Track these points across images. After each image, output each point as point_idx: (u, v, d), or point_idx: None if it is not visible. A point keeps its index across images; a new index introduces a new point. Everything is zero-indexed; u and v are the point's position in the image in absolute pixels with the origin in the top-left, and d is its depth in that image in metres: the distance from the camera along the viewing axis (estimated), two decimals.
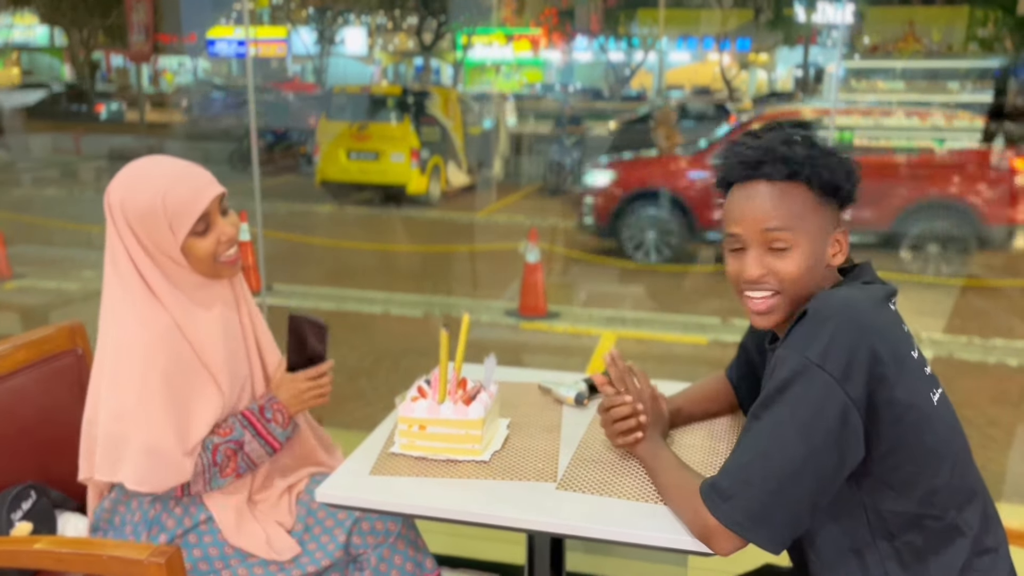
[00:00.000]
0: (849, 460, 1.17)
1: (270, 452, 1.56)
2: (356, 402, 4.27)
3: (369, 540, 1.62)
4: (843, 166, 1.27)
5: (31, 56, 28.83)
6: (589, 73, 28.28)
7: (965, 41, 17.33)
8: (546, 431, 1.58)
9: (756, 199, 1.27)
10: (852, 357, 1.14)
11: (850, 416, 1.14)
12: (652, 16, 23.95)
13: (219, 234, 1.50)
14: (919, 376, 1.21)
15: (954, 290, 6.59)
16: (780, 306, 1.29)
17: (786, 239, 1.26)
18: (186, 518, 1.53)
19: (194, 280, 1.51)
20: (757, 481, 1.16)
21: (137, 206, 1.46)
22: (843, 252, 1.30)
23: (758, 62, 26.87)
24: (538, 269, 5.73)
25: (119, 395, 1.44)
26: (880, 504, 1.21)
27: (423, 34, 25.25)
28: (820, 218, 1.27)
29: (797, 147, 1.26)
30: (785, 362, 1.18)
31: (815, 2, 21.78)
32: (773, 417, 1.17)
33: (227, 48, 26.65)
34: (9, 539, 1.50)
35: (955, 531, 1.21)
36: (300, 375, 1.58)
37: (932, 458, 1.19)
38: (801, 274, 1.27)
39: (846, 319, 1.17)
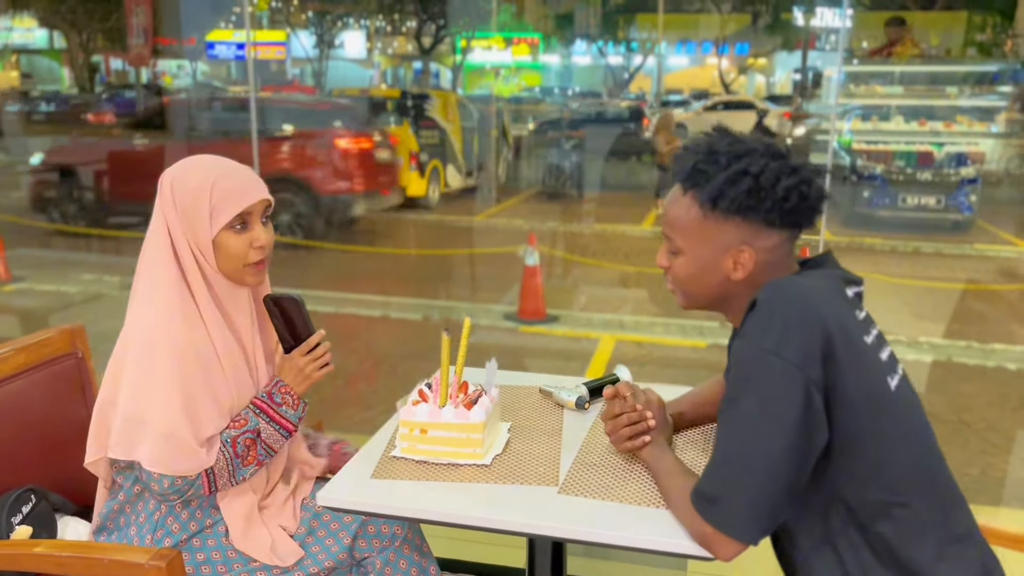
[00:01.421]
0: (817, 441, 1.18)
1: (286, 436, 1.57)
2: (355, 406, 4.26)
3: (375, 544, 1.63)
4: (740, 184, 1.24)
5: (30, 59, 28.83)
6: (588, 77, 28.32)
7: (963, 46, 17.36)
8: (547, 435, 1.58)
9: (669, 200, 1.34)
10: (807, 341, 1.16)
11: (813, 398, 1.16)
12: (651, 20, 24.00)
13: (254, 238, 1.52)
14: (873, 361, 1.23)
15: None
16: (679, 294, 1.37)
17: (675, 244, 1.32)
18: (192, 522, 1.53)
19: (222, 282, 1.53)
20: (739, 479, 1.17)
21: (187, 186, 1.48)
22: (744, 270, 1.28)
23: (756, 66, 26.92)
24: (537, 272, 5.73)
25: (143, 379, 1.44)
26: (847, 494, 1.22)
27: (422, 38, 25.29)
28: (708, 232, 1.28)
29: (701, 158, 1.28)
30: (742, 355, 1.20)
31: (814, 6, 21.83)
32: (741, 412, 1.19)
33: (226, 51, 26.67)
34: (9, 543, 1.49)
35: (921, 518, 1.21)
36: (295, 353, 1.58)
37: (891, 443, 1.21)
38: (687, 280, 1.33)
39: (797, 305, 1.19)
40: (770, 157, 1.26)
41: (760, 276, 1.29)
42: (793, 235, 1.30)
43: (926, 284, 6.88)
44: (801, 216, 1.27)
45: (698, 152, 1.30)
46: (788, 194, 1.24)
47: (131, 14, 11.96)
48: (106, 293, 6.49)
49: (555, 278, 7.23)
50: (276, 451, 1.57)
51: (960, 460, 3.61)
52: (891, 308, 6.31)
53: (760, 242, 1.27)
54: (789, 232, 1.29)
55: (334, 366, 1.64)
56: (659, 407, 1.46)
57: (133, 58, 13.44)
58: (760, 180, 1.24)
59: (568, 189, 11.37)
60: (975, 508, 1.32)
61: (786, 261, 1.31)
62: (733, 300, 1.33)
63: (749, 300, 1.27)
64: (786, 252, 1.31)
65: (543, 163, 12.00)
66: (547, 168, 11.58)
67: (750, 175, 1.24)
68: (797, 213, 1.26)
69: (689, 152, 1.31)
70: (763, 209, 1.25)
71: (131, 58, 13.90)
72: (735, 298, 1.32)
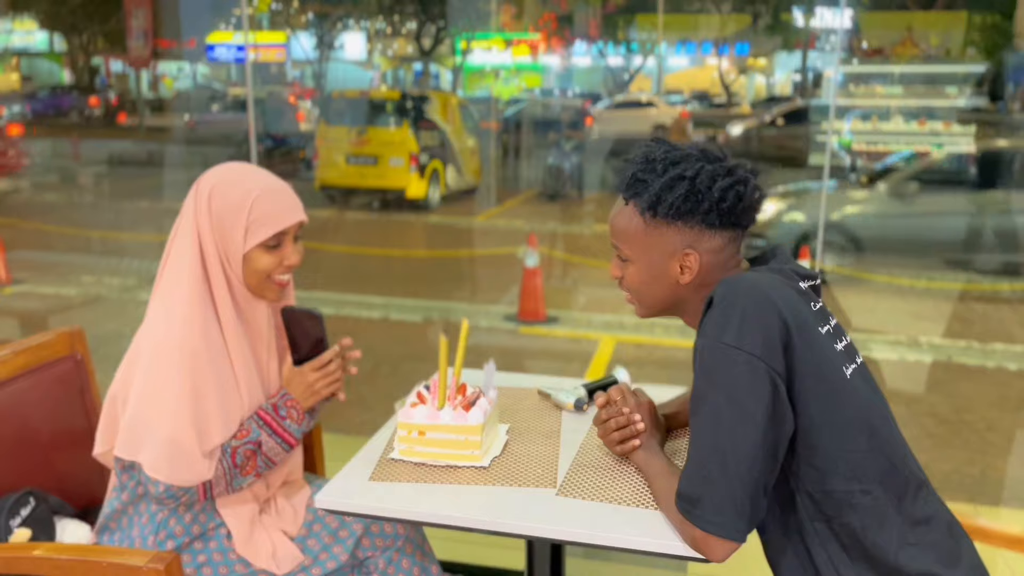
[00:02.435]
0: (787, 430, 1.19)
1: (287, 449, 1.57)
2: (355, 408, 4.26)
3: (377, 543, 1.63)
4: (677, 189, 1.26)
5: (30, 61, 28.85)
6: (588, 78, 28.33)
7: (963, 46, 17.37)
8: (545, 437, 1.58)
9: (614, 212, 1.36)
10: (766, 332, 1.17)
11: (778, 387, 1.17)
12: (651, 21, 24.01)
13: (284, 257, 1.53)
14: (828, 350, 1.24)
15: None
16: (635, 304, 1.40)
17: (624, 252, 1.35)
18: (195, 525, 1.53)
19: (245, 293, 1.53)
20: (716, 477, 1.17)
21: (226, 199, 1.48)
22: (692, 273, 1.30)
23: (756, 67, 26.92)
24: (537, 274, 5.73)
25: (154, 382, 1.44)
26: (809, 486, 1.22)
27: (422, 39, 25.30)
28: (652, 239, 1.31)
29: (638, 167, 1.30)
30: (704, 352, 1.22)
31: (814, 7, 21.84)
32: (710, 409, 1.19)
33: (226, 53, 26.67)
34: (8, 546, 1.49)
35: (885, 506, 1.22)
36: (307, 367, 1.58)
37: (847, 429, 1.21)
38: (639, 287, 1.36)
39: (752, 298, 1.20)
40: (705, 160, 1.29)
41: (708, 278, 1.31)
42: (736, 235, 1.32)
43: (926, 284, 6.88)
44: (740, 216, 1.29)
45: (636, 162, 1.32)
46: (724, 195, 1.26)
47: (131, 16, 11.97)
48: (106, 295, 6.49)
49: (555, 279, 7.23)
50: (276, 463, 1.56)
51: (960, 460, 3.61)
52: (891, 308, 6.31)
53: (704, 244, 1.30)
54: (732, 232, 1.31)
55: (344, 395, 1.65)
56: (650, 410, 1.47)
57: (133, 60, 13.46)
58: (696, 183, 1.26)
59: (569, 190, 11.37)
60: (976, 508, 1.32)
61: (733, 261, 1.33)
62: (686, 304, 1.36)
63: (702, 302, 1.28)
64: (731, 252, 1.32)
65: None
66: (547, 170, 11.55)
67: (686, 179, 1.27)
68: (735, 213, 1.28)
69: (628, 163, 1.34)
70: (701, 211, 1.27)
71: (131, 60, 13.93)
72: (687, 302, 1.35)
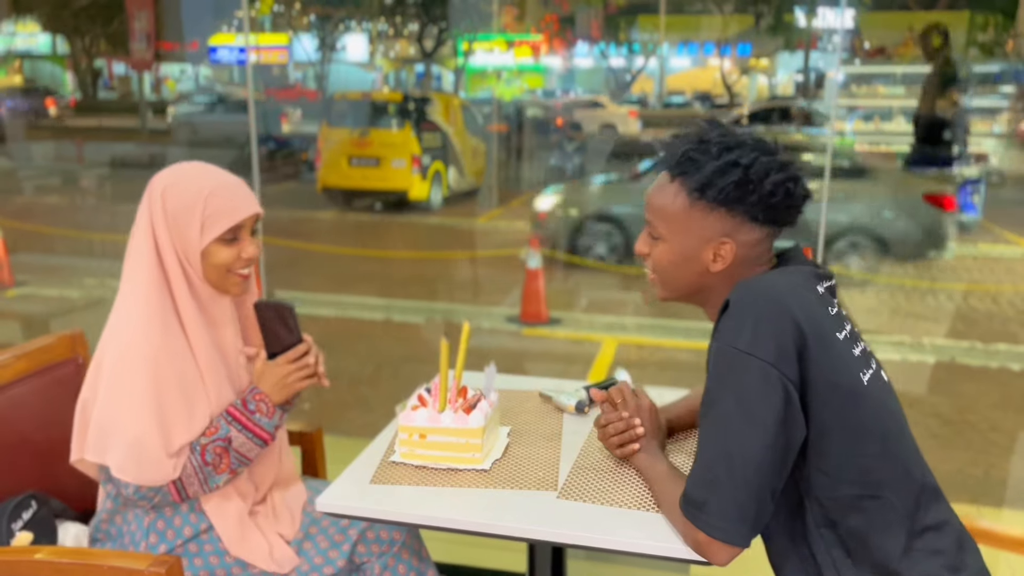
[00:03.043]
0: (797, 438, 1.18)
1: (261, 444, 1.55)
2: (357, 410, 4.26)
3: (374, 549, 1.63)
4: (730, 175, 1.24)
5: (33, 64, 28.89)
6: (590, 79, 28.32)
7: (966, 46, 17.34)
8: (547, 439, 1.58)
9: (652, 187, 1.34)
10: (780, 339, 1.16)
11: (791, 395, 1.16)
12: (653, 22, 23.99)
13: (242, 250, 1.52)
14: (846, 356, 1.22)
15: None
16: (658, 284, 1.37)
17: (657, 230, 1.33)
18: (186, 527, 1.52)
19: (207, 290, 1.52)
20: (723, 481, 1.17)
21: (180, 197, 1.48)
22: (724, 263, 1.29)
23: (759, 67, 26.90)
24: (539, 275, 5.73)
25: (116, 385, 1.44)
26: (819, 491, 1.22)
27: (424, 40, 25.32)
28: (692, 221, 1.28)
29: (691, 147, 1.28)
30: (717, 356, 1.21)
31: (816, 7, 21.82)
32: (719, 414, 1.19)
33: (229, 55, 26.70)
34: (9, 549, 1.49)
35: (892, 511, 1.21)
36: (280, 359, 1.57)
37: (860, 435, 1.20)
38: (667, 267, 1.33)
39: (767, 303, 1.19)
40: (760, 151, 1.26)
41: (738, 270, 1.30)
42: (774, 233, 1.30)
43: (929, 284, 6.86)
44: (785, 214, 1.28)
45: (688, 140, 1.29)
46: (775, 189, 1.25)
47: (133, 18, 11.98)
48: (108, 298, 6.49)
49: (557, 280, 7.22)
50: (251, 459, 1.55)
51: (963, 461, 3.60)
52: (895, 309, 6.30)
53: (742, 236, 1.28)
54: (770, 229, 1.29)
55: (327, 380, 1.62)
56: (651, 412, 1.46)
57: (136, 62, 13.48)
58: (749, 173, 1.24)
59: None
60: (979, 509, 1.31)
61: (764, 258, 1.32)
62: (709, 292, 1.34)
63: (725, 294, 1.27)
64: (765, 249, 1.31)
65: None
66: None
67: (740, 166, 1.24)
68: (781, 210, 1.27)
69: (678, 140, 1.31)
70: (749, 202, 1.25)
71: (134, 62, 13.95)
72: (710, 291, 1.33)
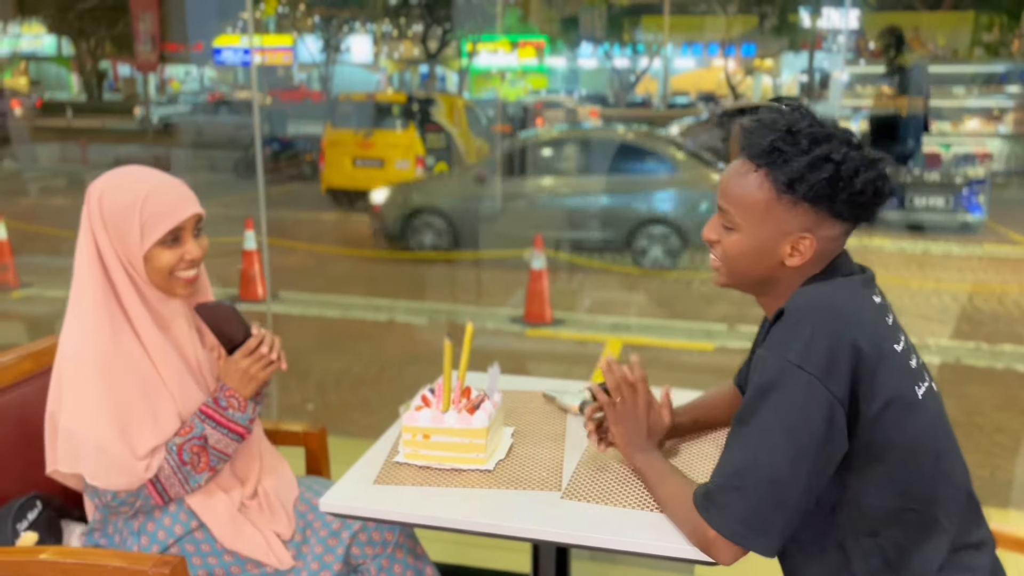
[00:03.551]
0: (836, 456, 1.16)
1: (237, 439, 1.55)
2: (360, 410, 4.26)
3: (368, 551, 1.62)
4: (822, 171, 1.18)
5: (38, 65, 28.99)
6: (594, 80, 28.32)
7: (970, 46, 17.30)
8: (550, 440, 1.58)
9: (729, 171, 1.28)
10: (833, 354, 1.14)
11: (836, 414, 1.14)
12: (657, 23, 23.98)
13: (185, 252, 1.51)
14: (903, 369, 1.20)
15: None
16: (723, 272, 1.32)
17: (732, 219, 1.27)
18: (176, 526, 1.52)
19: (155, 293, 1.52)
20: (749, 488, 1.15)
21: (116, 202, 1.47)
22: (802, 258, 1.24)
23: (763, 68, 26.87)
24: (543, 276, 5.73)
25: (74, 395, 1.45)
26: (862, 499, 1.20)
27: (428, 42, 25.34)
28: (774, 214, 1.22)
29: (779, 136, 1.21)
30: (766, 364, 1.18)
31: (820, 8, 21.79)
32: (759, 422, 1.16)
33: (233, 56, 26.76)
34: (14, 549, 1.50)
35: (935, 525, 1.20)
36: (237, 355, 1.56)
37: (913, 451, 1.19)
38: (738, 257, 1.28)
39: (825, 316, 1.16)
40: (849, 146, 1.20)
41: (810, 266, 1.25)
42: (851, 229, 1.25)
43: (935, 285, 6.85)
44: (867, 211, 1.23)
45: (776, 129, 1.22)
46: (865, 187, 1.19)
47: (138, 20, 12.02)
48: None
49: (561, 281, 7.22)
50: (229, 455, 1.55)
51: (969, 462, 3.56)
52: (900, 310, 6.26)
53: (823, 231, 1.23)
54: (850, 225, 1.24)
55: (286, 365, 1.61)
56: (649, 409, 1.41)
57: (141, 64, 13.51)
58: (841, 169, 1.18)
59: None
60: (986, 511, 1.31)
61: (836, 253, 1.27)
62: (775, 286, 1.29)
63: (791, 288, 1.24)
64: (840, 244, 1.26)
65: None
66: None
67: (832, 162, 1.18)
68: (867, 208, 1.22)
69: (765, 128, 1.23)
70: (838, 199, 1.19)
71: (139, 64, 13.99)
72: (777, 283, 1.28)
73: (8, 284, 6.64)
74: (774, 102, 1.27)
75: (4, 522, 1.54)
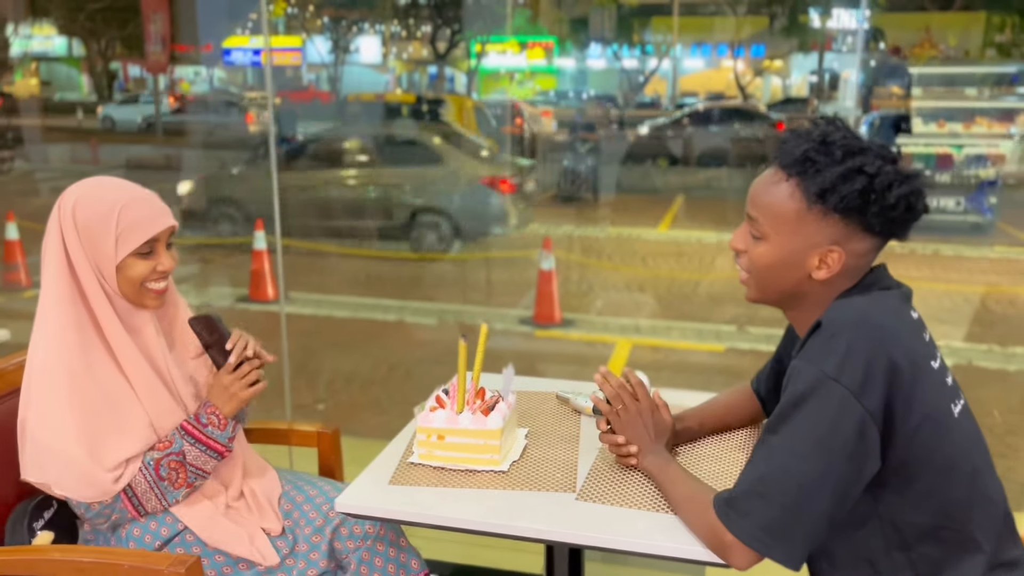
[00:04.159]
0: (866, 473, 1.15)
1: (216, 457, 1.54)
2: (370, 411, 4.27)
3: (349, 545, 1.62)
4: (855, 183, 1.16)
5: (49, 66, 29.13)
6: (603, 80, 28.30)
7: (982, 47, 17.23)
8: (564, 441, 1.58)
9: (759, 181, 1.27)
10: (869, 369, 1.12)
11: (868, 429, 1.12)
12: (666, 23, 23.96)
13: (158, 263, 1.51)
14: (939, 386, 1.20)
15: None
16: (751, 285, 1.31)
17: (760, 228, 1.25)
18: (163, 528, 1.52)
19: (123, 304, 1.51)
20: (775, 497, 1.14)
21: (92, 211, 1.47)
22: (829, 271, 1.22)
23: (772, 68, 26.81)
24: (552, 277, 5.73)
25: (40, 406, 1.44)
26: (895, 515, 1.19)
27: (437, 42, 25.37)
28: (804, 224, 1.21)
29: (813, 147, 1.19)
30: (801, 375, 1.16)
31: (830, 8, 21.73)
32: (790, 431, 1.15)
33: (242, 57, 26.85)
34: (31, 548, 1.50)
35: (972, 544, 1.19)
36: (221, 372, 1.56)
37: (949, 470, 1.18)
38: (765, 268, 1.26)
39: (862, 330, 1.15)
40: (883, 159, 1.19)
41: (839, 280, 1.24)
42: (882, 244, 1.23)
43: (945, 287, 6.82)
44: (900, 227, 1.21)
45: (810, 139, 1.21)
46: (898, 202, 1.17)
47: (149, 21, 12.07)
48: None
49: (570, 282, 7.22)
50: (208, 472, 1.54)
51: None
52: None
53: (852, 245, 1.21)
54: (881, 241, 1.22)
55: (266, 383, 1.60)
56: (653, 412, 1.42)
57: (151, 65, 13.57)
58: (875, 182, 1.16)
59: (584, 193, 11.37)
60: None
61: (866, 269, 1.25)
62: (804, 300, 1.27)
63: (820, 303, 1.24)
64: (870, 260, 1.25)
65: None
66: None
67: (865, 175, 1.16)
68: (899, 223, 1.20)
69: (799, 138, 1.22)
70: (869, 213, 1.17)
71: (149, 65, 14.04)
72: (806, 298, 1.26)
73: (19, 284, 6.68)
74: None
75: (21, 521, 1.54)
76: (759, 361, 1.64)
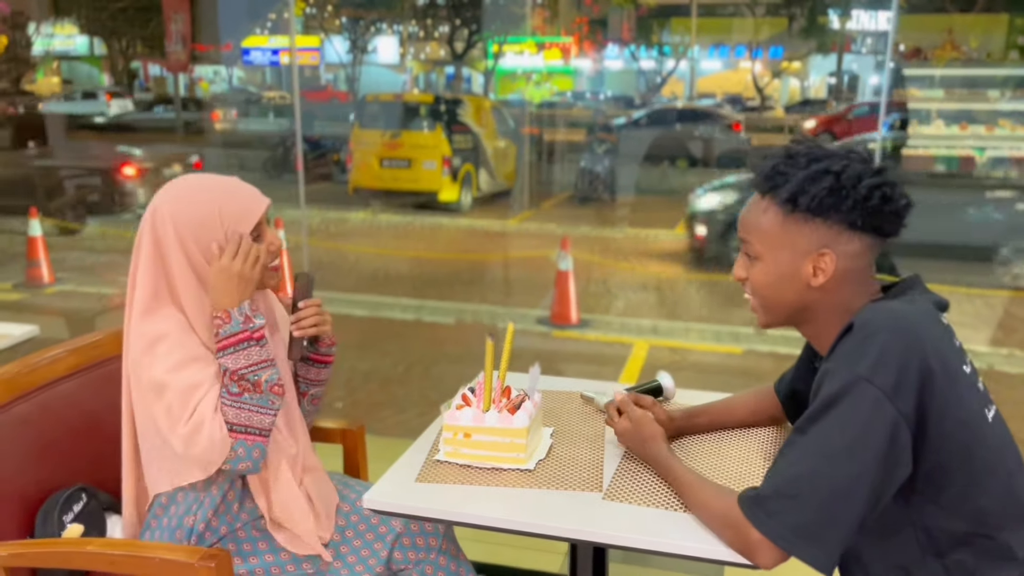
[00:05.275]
0: (898, 476, 1.15)
1: (246, 345, 1.44)
2: (389, 408, 4.29)
3: (410, 556, 1.63)
4: (821, 182, 1.20)
5: (70, 65, 29.38)
6: (620, 81, 28.25)
7: (1005, 49, 17.06)
8: (589, 441, 1.59)
9: (746, 207, 1.32)
10: (903, 371, 1.12)
11: (900, 432, 1.12)
12: (684, 24, 23.89)
13: (269, 242, 1.53)
14: (972, 391, 1.19)
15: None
16: (759, 310, 1.33)
17: (753, 249, 1.29)
18: (222, 526, 1.53)
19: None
20: (805, 497, 1.14)
21: (192, 216, 1.46)
22: (825, 276, 1.23)
23: (790, 70, 26.67)
24: (570, 277, 5.72)
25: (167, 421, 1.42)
26: (929, 521, 1.18)
27: (455, 43, 25.41)
28: (789, 234, 1.24)
29: (778, 161, 1.25)
30: (833, 376, 1.16)
31: (849, 10, 21.60)
32: (821, 432, 1.15)
33: (261, 57, 26.98)
34: (61, 541, 1.52)
35: (1007, 552, 1.18)
36: (224, 258, 1.46)
37: (982, 476, 1.17)
38: (766, 287, 1.29)
39: (896, 332, 1.15)
40: (850, 159, 1.22)
41: (841, 286, 1.24)
42: (875, 244, 1.24)
43: (967, 291, 6.76)
44: (884, 220, 1.22)
45: (777, 157, 1.27)
46: (871, 193, 1.19)
47: (170, 21, 12.16)
48: None
49: (589, 282, 7.22)
50: (256, 363, 1.44)
51: None
52: None
53: (842, 247, 1.23)
54: (871, 239, 1.23)
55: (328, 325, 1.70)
56: (645, 419, 1.46)
57: (172, 64, 13.66)
58: (841, 178, 1.20)
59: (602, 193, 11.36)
60: None
61: (867, 273, 1.26)
62: (813, 312, 1.28)
63: (829, 314, 1.24)
64: (868, 263, 1.25)
65: None
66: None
67: (831, 173, 1.21)
68: (880, 215, 1.21)
69: (767, 159, 1.28)
70: (845, 208, 1.20)
71: (170, 64, 14.14)
72: (814, 310, 1.28)
73: (41, 280, 6.75)
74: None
75: (51, 514, 1.57)
76: (777, 363, 1.64)
